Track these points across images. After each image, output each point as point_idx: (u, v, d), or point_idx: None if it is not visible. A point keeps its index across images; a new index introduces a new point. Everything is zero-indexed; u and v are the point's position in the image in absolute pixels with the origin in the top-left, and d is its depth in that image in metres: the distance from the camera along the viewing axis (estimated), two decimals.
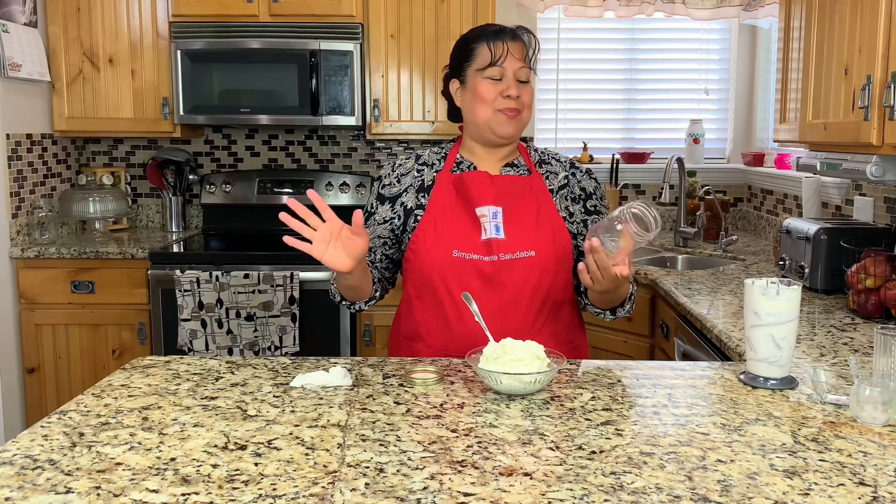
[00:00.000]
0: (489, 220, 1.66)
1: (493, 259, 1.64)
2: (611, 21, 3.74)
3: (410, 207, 1.72)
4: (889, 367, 1.34)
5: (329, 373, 1.42)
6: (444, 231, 1.67)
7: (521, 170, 1.75)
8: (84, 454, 1.10)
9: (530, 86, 1.69)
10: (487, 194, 1.68)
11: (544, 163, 1.77)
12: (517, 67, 1.65)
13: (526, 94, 1.67)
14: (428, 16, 3.33)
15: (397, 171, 1.76)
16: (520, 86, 1.66)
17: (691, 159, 3.68)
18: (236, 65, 3.31)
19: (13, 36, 3.06)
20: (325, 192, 3.64)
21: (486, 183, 1.69)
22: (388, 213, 1.73)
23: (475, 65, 1.67)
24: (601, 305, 1.67)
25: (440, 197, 1.70)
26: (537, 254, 1.65)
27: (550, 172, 1.76)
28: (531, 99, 1.69)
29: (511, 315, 1.64)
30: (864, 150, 1.97)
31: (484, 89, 1.66)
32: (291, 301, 2.99)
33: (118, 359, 3.16)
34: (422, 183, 1.74)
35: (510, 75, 1.65)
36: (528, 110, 1.68)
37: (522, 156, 1.77)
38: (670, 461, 1.08)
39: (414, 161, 1.78)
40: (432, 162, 1.77)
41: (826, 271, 2.26)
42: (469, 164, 1.74)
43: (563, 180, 1.75)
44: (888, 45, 1.79)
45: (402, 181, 1.75)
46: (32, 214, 3.26)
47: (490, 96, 1.65)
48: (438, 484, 1.01)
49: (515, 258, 1.65)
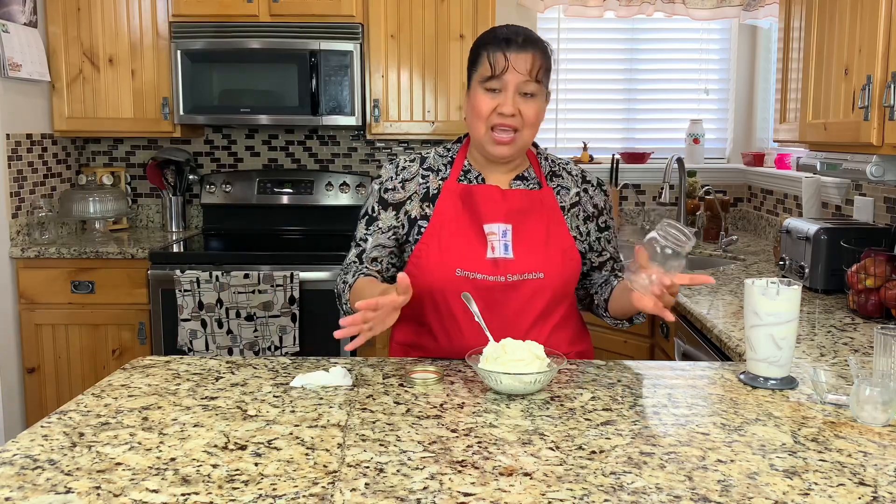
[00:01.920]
0: (498, 239, 1.59)
1: (500, 280, 1.58)
2: (611, 21, 3.74)
3: (414, 217, 1.64)
4: (889, 367, 1.34)
5: (329, 373, 1.42)
6: (448, 247, 1.60)
7: (532, 183, 1.66)
8: (84, 454, 1.10)
9: (538, 101, 1.56)
10: (498, 211, 1.60)
11: (555, 175, 1.69)
12: (520, 81, 1.53)
13: (529, 110, 1.55)
14: (428, 16, 3.33)
15: (401, 174, 1.67)
16: (522, 100, 1.54)
17: (691, 159, 3.68)
18: (236, 65, 3.31)
19: (13, 36, 3.06)
20: (325, 191, 3.64)
21: (496, 199, 1.61)
22: (393, 220, 1.65)
23: (477, 73, 1.57)
24: (621, 317, 1.67)
25: (445, 209, 1.62)
26: (546, 276, 1.59)
27: (562, 187, 1.68)
28: (535, 116, 1.56)
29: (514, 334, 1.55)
30: (864, 150, 1.97)
31: (479, 102, 1.56)
32: (291, 301, 2.99)
33: (118, 359, 3.16)
34: (427, 191, 1.65)
35: (510, 89, 1.53)
36: (529, 129, 1.56)
37: (532, 166, 1.68)
38: (670, 461, 1.08)
39: (419, 165, 1.67)
40: (438, 167, 1.67)
41: (826, 271, 2.26)
42: (477, 174, 1.65)
43: (574, 197, 1.68)
44: (888, 45, 1.79)
45: (406, 187, 1.65)
46: (32, 214, 3.26)
47: (485, 111, 1.55)
48: (438, 484, 1.01)
49: (523, 279, 1.59)
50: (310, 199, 3.65)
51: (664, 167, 3.21)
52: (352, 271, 1.65)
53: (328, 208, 3.65)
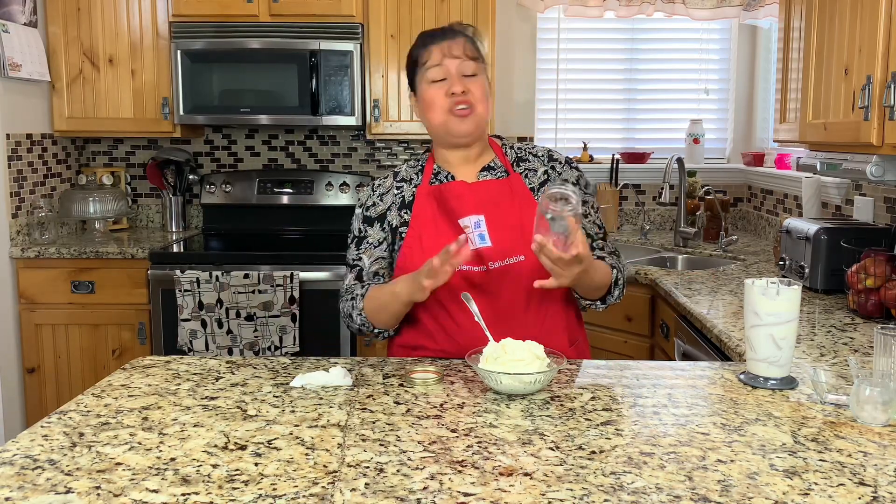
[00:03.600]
0: (472, 231, 1.63)
1: (483, 269, 1.61)
2: (611, 21, 3.74)
3: (395, 225, 1.70)
4: (889, 367, 1.34)
5: (329, 373, 1.42)
6: (429, 246, 1.63)
7: (499, 172, 1.71)
8: (84, 454, 1.10)
9: (480, 79, 1.65)
10: (467, 204, 1.65)
11: (521, 160, 1.73)
12: (458, 63, 1.62)
13: (476, 87, 1.63)
14: (428, 16, 3.33)
15: (378, 190, 1.74)
16: (467, 80, 1.62)
17: (691, 159, 3.68)
18: (236, 65, 3.31)
19: (13, 36, 3.06)
20: (325, 191, 3.64)
21: (464, 192, 1.66)
22: (380, 233, 1.71)
23: (420, 73, 1.67)
24: (588, 296, 1.65)
25: (422, 212, 1.68)
26: (527, 257, 1.62)
27: (529, 170, 1.72)
28: (483, 92, 1.64)
29: (509, 321, 1.60)
30: (864, 150, 1.97)
31: (431, 94, 1.64)
32: (291, 301, 2.99)
33: (118, 359, 3.16)
34: (402, 199, 1.71)
35: (453, 73, 1.62)
36: (481, 104, 1.64)
37: (498, 156, 1.73)
38: (670, 461, 1.08)
39: (392, 179, 1.75)
40: (410, 177, 1.73)
41: (826, 271, 2.26)
42: (446, 173, 1.70)
43: (542, 176, 1.72)
44: (888, 45, 1.80)
45: (384, 199, 1.72)
46: (32, 214, 3.26)
47: (438, 100, 1.63)
48: (438, 484, 1.01)
49: (505, 265, 1.62)
50: (310, 199, 3.65)
51: (664, 167, 3.21)
52: (357, 291, 1.68)
53: (328, 208, 3.65)
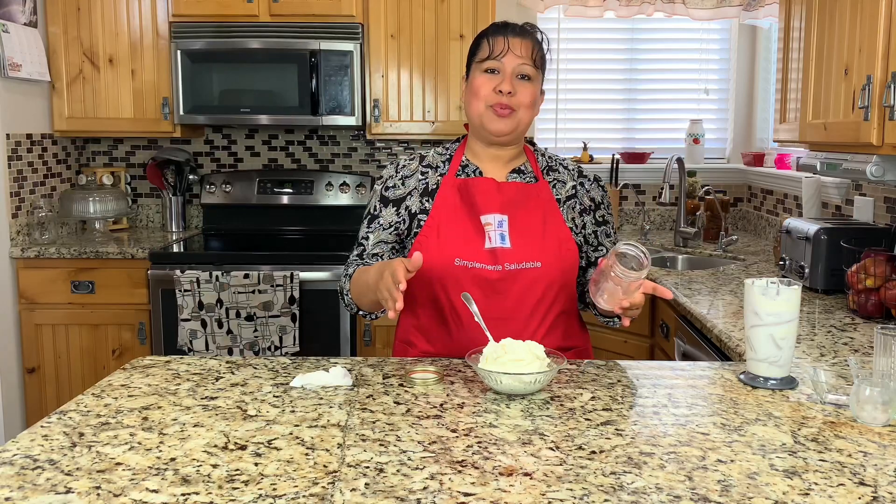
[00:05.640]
0: (494, 229, 1.63)
1: (498, 269, 1.61)
2: (611, 21, 3.74)
3: (414, 212, 1.68)
4: (889, 367, 1.34)
5: (329, 373, 1.42)
6: (446, 238, 1.63)
7: (528, 177, 1.71)
8: (84, 454, 1.10)
9: (532, 85, 1.64)
10: (493, 202, 1.64)
11: (552, 170, 1.73)
12: (517, 63, 1.61)
13: (524, 92, 1.62)
14: (428, 16, 3.33)
15: (401, 172, 1.72)
16: (519, 83, 1.62)
17: (691, 159, 3.68)
18: (236, 65, 3.31)
19: (13, 36, 3.06)
20: (325, 191, 3.64)
21: (492, 190, 1.65)
22: (394, 216, 1.70)
23: (477, 58, 1.65)
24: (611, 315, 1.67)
25: (444, 202, 1.66)
26: (543, 265, 1.62)
27: (558, 181, 1.72)
28: (530, 99, 1.63)
29: (512, 324, 1.60)
30: (864, 150, 1.97)
31: (479, 82, 1.63)
32: (291, 301, 2.99)
33: (118, 359, 3.16)
34: (426, 186, 1.69)
35: (508, 70, 1.61)
36: (525, 110, 1.63)
37: (530, 161, 1.73)
38: (670, 461, 1.08)
39: (418, 163, 1.72)
40: (437, 164, 1.72)
41: (826, 271, 2.26)
42: (475, 168, 1.70)
43: (570, 190, 1.72)
44: (888, 45, 1.79)
45: (406, 183, 1.70)
46: (32, 214, 3.26)
47: (484, 90, 1.62)
48: (438, 484, 1.01)
49: (521, 268, 1.61)
50: (310, 199, 3.65)
51: (664, 167, 3.21)
52: (351, 270, 1.69)
53: (328, 208, 3.65)
